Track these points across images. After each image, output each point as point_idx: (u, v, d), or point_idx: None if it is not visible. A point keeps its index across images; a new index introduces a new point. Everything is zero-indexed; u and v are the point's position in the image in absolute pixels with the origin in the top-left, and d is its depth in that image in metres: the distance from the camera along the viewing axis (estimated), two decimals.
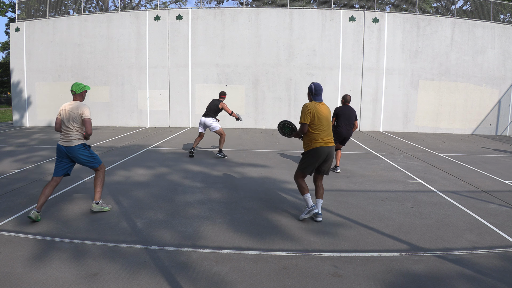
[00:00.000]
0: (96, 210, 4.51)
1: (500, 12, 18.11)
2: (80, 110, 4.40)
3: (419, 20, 14.89)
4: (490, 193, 5.65)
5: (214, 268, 3.13)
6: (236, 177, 6.47)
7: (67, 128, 4.43)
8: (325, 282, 2.93)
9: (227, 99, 15.17)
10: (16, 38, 15.89)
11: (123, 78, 15.50)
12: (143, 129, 14.59)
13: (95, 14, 15.93)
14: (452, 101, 15.12)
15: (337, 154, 7.21)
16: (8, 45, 33.36)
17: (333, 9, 15.45)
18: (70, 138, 4.41)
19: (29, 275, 2.94)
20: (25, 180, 5.98)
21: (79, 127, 4.45)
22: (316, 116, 4.32)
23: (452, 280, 2.97)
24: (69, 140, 4.41)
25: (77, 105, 4.44)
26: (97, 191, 4.54)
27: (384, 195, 5.49)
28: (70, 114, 4.42)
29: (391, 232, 4.00)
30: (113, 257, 3.29)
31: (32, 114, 16.08)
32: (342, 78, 15.02)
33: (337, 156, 7.19)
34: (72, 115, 4.41)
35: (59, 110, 4.53)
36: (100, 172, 4.62)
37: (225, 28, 15.09)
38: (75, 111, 4.42)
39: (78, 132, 4.45)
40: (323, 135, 4.34)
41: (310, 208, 4.30)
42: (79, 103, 4.49)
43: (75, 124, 4.41)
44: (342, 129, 7.07)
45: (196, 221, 4.27)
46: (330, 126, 4.47)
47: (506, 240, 3.82)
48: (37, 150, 9.07)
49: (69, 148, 4.41)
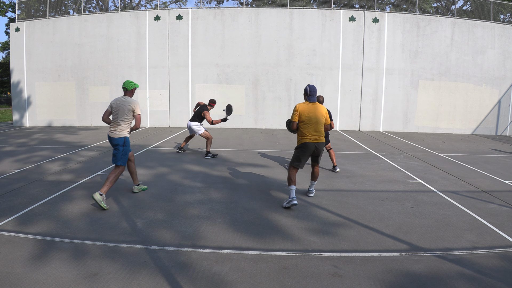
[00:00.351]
0: (96, 199, 4.57)
1: (500, 12, 18.12)
2: (132, 105, 4.89)
3: (419, 20, 14.89)
4: (490, 193, 5.65)
5: (214, 268, 3.13)
6: (236, 177, 6.47)
7: (116, 120, 4.92)
8: (325, 282, 2.93)
9: (226, 100, 15.21)
10: (16, 38, 15.89)
11: (123, 78, 15.48)
12: (143, 129, 14.59)
13: (95, 14, 15.92)
14: (452, 101, 15.13)
15: (331, 154, 7.13)
16: (8, 45, 33.37)
17: (333, 9, 15.45)
18: (116, 129, 4.91)
19: (29, 275, 2.94)
20: (25, 180, 5.98)
21: (127, 120, 4.90)
22: (304, 115, 4.90)
23: (452, 280, 2.97)
24: (115, 131, 4.91)
25: (128, 101, 4.91)
26: (106, 184, 4.73)
27: (384, 195, 5.49)
28: (121, 108, 4.87)
29: (391, 232, 4.00)
30: (113, 257, 3.29)
31: (32, 114, 16.08)
32: (342, 78, 15.02)
33: (331, 156, 7.13)
34: (122, 109, 4.86)
35: (110, 103, 4.98)
36: (118, 170, 4.90)
37: (225, 28, 15.09)
38: (126, 106, 4.86)
39: (125, 124, 4.92)
40: (311, 132, 4.92)
41: (290, 199, 4.77)
42: (130, 98, 4.95)
43: (124, 117, 4.88)
44: None
45: (196, 221, 4.27)
46: (320, 124, 4.97)
47: (506, 240, 3.82)
48: (37, 150, 9.07)
49: (113, 138, 4.91)
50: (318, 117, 4.96)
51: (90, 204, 4.81)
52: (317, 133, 4.96)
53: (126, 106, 4.86)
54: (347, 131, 14.74)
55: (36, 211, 4.51)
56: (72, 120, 15.91)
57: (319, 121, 4.96)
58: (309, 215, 4.54)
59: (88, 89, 15.70)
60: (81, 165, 7.28)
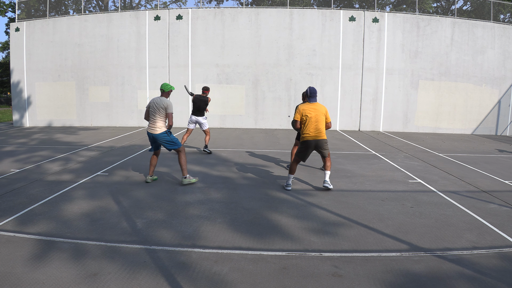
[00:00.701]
0: (185, 183, 5.71)
1: (500, 12, 18.11)
2: (165, 104, 5.57)
3: (419, 20, 14.89)
4: (490, 193, 5.65)
5: (214, 268, 3.13)
6: (236, 177, 6.47)
7: (153, 118, 5.62)
8: (325, 282, 2.93)
9: (226, 100, 15.22)
10: (16, 38, 15.89)
11: (123, 78, 15.50)
12: (143, 129, 14.58)
13: (95, 14, 15.92)
14: (452, 101, 15.12)
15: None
16: (8, 45, 33.36)
17: (333, 9, 15.45)
18: (155, 126, 5.61)
19: (29, 275, 2.94)
20: (25, 180, 5.98)
21: (163, 118, 5.60)
22: (305, 114, 5.43)
23: (452, 280, 2.97)
24: (155, 128, 5.62)
25: (163, 100, 5.60)
26: (183, 168, 5.68)
27: (384, 195, 5.49)
28: (157, 107, 5.58)
29: (391, 232, 4.00)
30: (113, 257, 3.29)
31: (32, 114, 16.08)
32: (342, 78, 15.02)
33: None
34: (157, 107, 5.57)
35: (148, 103, 5.83)
36: (181, 153, 5.67)
37: (225, 28, 15.09)
38: (160, 105, 5.56)
39: (162, 121, 5.61)
40: (311, 130, 5.43)
41: (285, 185, 5.66)
42: (165, 98, 5.65)
43: (160, 115, 5.59)
44: None
45: (196, 221, 4.27)
46: (320, 122, 5.43)
47: (506, 240, 3.82)
48: (37, 150, 9.07)
49: (154, 134, 5.62)
50: (318, 116, 5.42)
51: (90, 204, 4.81)
52: (317, 131, 5.42)
53: (160, 105, 5.56)
54: (347, 131, 14.74)
55: (36, 211, 4.51)
56: (72, 120, 15.91)
57: (319, 120, 5.43)
58: (309, 215, 4.54)
59: (88, 89, 15.70)
60: (81, 165, 7.28)
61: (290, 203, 5.04)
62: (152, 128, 5.63)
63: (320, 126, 5.42)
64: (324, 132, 5.49)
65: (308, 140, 5.42)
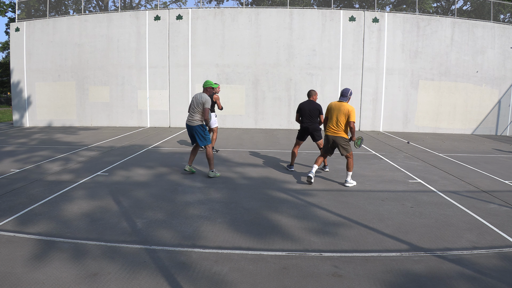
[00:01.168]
0: (211, 176, 6.29)
1: (500, 12, 18.11)
2: (203, 99, 6.12)
3: (419, 20, 14.89)
4: (490, 193, 5.65)
5: (214, 268, 3.13)
6: (236, 177, 6.47)
7: (193, 111, 6.22)
8: (325, 282, 2.93)
9: (226, 100, 15.20)
10: (16, 38, 15.89)
11: (123, 78, 15.50)
12: (143, 129, 14.59)
13: (95, 14, 15.92)
14: (452, 101, 15.12)
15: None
16: (8, 45, 33.37)
17: (333, 9, 15.45)
18: (193, 119, 6.21)
19: (29, 275, 2.94)
20: (25, 180, 5.98)
21: (199, 111, 6.16)
22: (327, 111, 6.00)
23: (452, 280, 2.97)
24: (193, 120, 6.22)
25: (202, 96, 6.17)
26: (210, 163, 6.30)
27: (384, 195, 5.49)
28: (196, 101, 6.19)
29: (391, 232, 4.00)
30: (113, 257, 3.29)
31: (32, 114, 16.07)
32: (342, 78, 15.01)
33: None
34: (196, 102, 6.18)
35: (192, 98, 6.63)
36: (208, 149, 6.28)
37: (225, 28, 15.08)
38: (199, 100, 6.15)
39: (199, 115, 6.18)
40: (329, 126, 5.93)
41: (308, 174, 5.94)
42: (204, 94, 6.22)
43: (198, 109, 6.16)
44: (303, 123, 6.79)
45: (196, 221, 4.27)
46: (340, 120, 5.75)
47: (506, 240, 3.82)
48: (37, 150, 9.07)
49: (191, 126, 6.24)
50: (338, 114, 5.79)
51: (90, 204, 4.81)
52: (335, 127, 5.85)
53: (199, 100, 6.14)
54: None
55: (36, 211, 4.51)
56: (72, 120, 15.91)
57: (339, 118, 5.79)
58: (309, 215, 4.55)
59: (88, 89, 15.70)
60: (81, 165, 7.28)
61: (290, 203, 5.04)
62: (190, 120, 6.22)
63: (339, 123, 5.80)
64: (341, 130, 5.82)
65: (327, 135, 6.00)
